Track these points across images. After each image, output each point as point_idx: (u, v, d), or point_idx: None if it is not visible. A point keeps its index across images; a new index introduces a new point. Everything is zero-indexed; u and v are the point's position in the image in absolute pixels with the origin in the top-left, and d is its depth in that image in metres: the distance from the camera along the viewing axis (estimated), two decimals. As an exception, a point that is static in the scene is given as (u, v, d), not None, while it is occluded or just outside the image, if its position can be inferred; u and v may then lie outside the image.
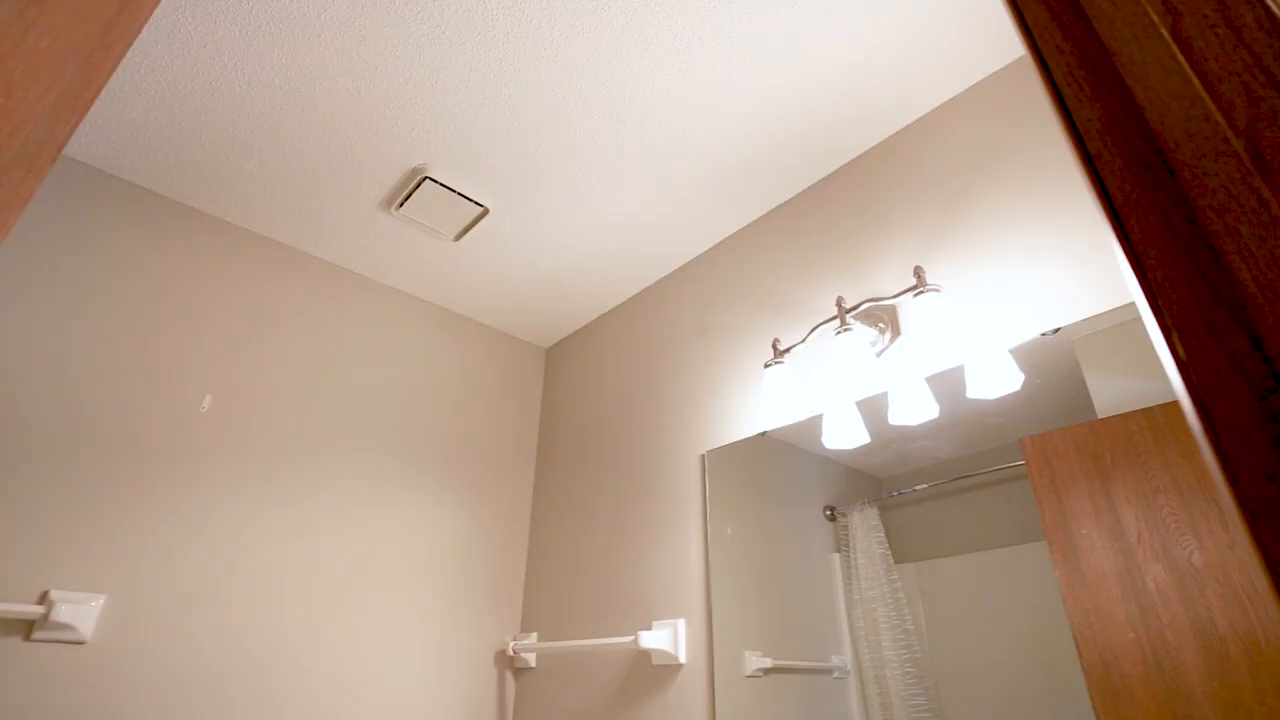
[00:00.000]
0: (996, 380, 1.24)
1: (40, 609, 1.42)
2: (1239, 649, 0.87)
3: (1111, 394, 1.09)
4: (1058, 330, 1.19)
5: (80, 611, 1.47)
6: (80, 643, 1.47)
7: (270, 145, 1.74)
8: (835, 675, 1.31)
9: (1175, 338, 0.24)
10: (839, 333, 1.40)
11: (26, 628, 1.43)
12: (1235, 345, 0.22)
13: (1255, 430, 0.22)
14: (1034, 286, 1.26)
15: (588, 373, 2.40)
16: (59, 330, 1.64)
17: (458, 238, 2.06)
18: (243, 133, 1.71)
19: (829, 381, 1.56)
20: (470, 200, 1.90)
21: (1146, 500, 1.00)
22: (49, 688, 1.42)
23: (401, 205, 1.92)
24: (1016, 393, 1.21)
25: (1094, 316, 1.15)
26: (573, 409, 2.39)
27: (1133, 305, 1.11)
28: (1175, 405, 1.01)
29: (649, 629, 1.72)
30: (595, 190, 1.88)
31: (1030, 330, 1.24)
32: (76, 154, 1.78)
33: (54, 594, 1.46)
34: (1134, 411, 1.05)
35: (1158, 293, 0.25)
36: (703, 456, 1.80)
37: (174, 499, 1.68)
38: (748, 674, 1.47)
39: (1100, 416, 1.09)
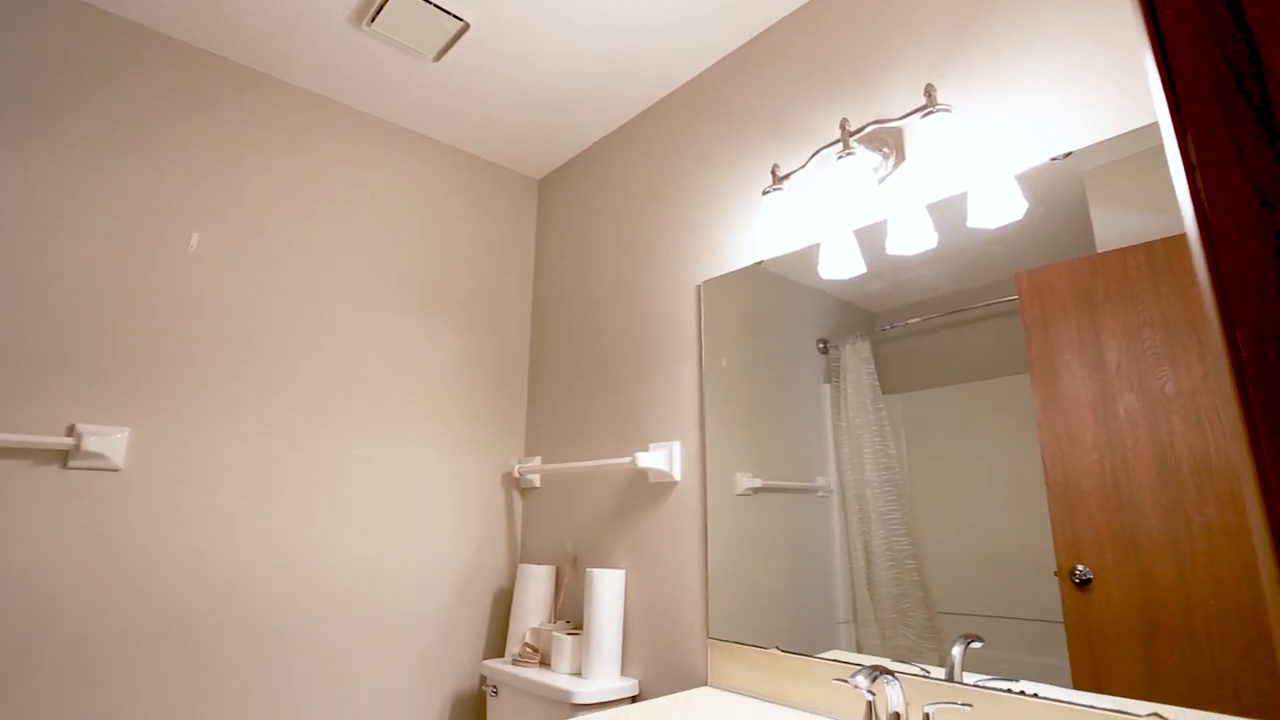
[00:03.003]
0: (999, 208, 1.21)
1: (71, 440, 1.50)
2: (1190, 468, 0.94)
3: (1114, 227, 1.07)
4: (1068, 155, 1.15)
5: (108, 442, 1.56)
6: (114, 470, 1.58)
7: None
8: (820, 494, 1.43)
9: (1189, 139, 0.22)
10: (841, 157, 1.34)
11: (62, 457, 1.52)
12: (1252, 152, 0.21)
13: (1253, 242, 0.21)
14: (1046, 110, 1.19)
15: (582, 203, 2.34)
16: (23, 169, 1.57)
17: (438, 57, 1.90)
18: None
19: (828, 209, 1.52)
20: (447, 12, 1.73)
21: (1131, 333, 1.02)
22: (90, 509, 1.54)
23: (373, 20, 1.75)
24: (1017, 224, 1.19)
25: (1106, 144, 1.10)
26: (568, 240, 2.37)
27: (1146, 135, 1.06)
28: (1175, 240, 1.00)
29: (646, 450, 1.84)
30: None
31: (1039, 155, 1.19)
32: (3, -40, 1.59)
33: (80, 427, 1.54)
34: (1133, 246, 1.04)
35: (1179, 86, 0.23)
36: (699, 287, 1.82)
37: (180, 336, 1.71)
38: (738, 492, 1.59)
39: (1099, 251, 1.08)
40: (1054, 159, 1.16)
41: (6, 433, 1.45)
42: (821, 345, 1.48)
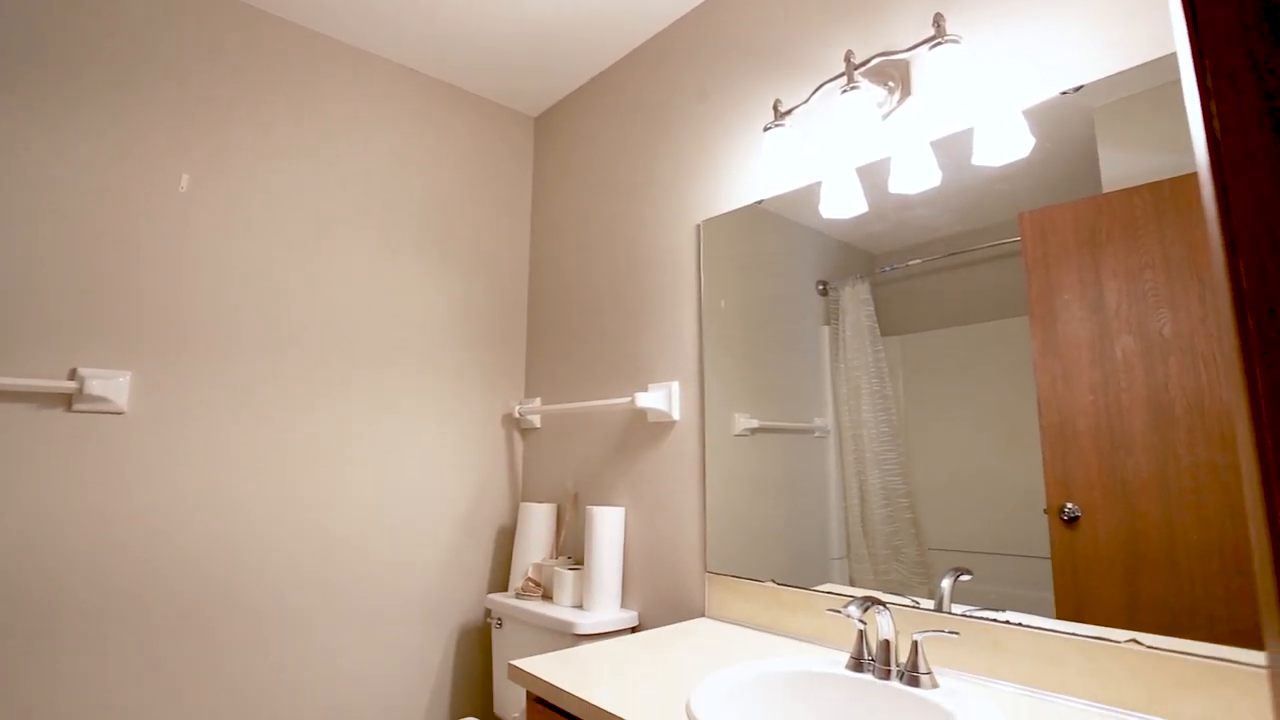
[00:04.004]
0: (1005, 144, 1.19)
1: (73, 384, 1.51)
2: (1183, 408, 0.95)
3: (1121, 166, 1.05)
4: (1079, 89, 1.11)
5: (111, 386, 1.57)
6: (118, 413, 1.60)
7: None
8: (817, 435, 1.45)
9: (1206, 62, 0.22)
10: (845, 91, 1.30)
11: (66, 400, 1.54)
12: (1270, 76, 0.20)
13: (1264, 167, 0.21)
14: (1057, 41, 1.15)
15: (579, 141, 2.29)
16: (13, 112, 1.53)
17: (428, -12, 1.82)
18: None
19: (830, 146, 1.49)
20: (438, -61, 1.65)
21: (1133, 275, 1.02)
22: (98, 451, 1.57)
23: (359, -54, 1.67)
24: (1022, 162, 1.17)
25: (1118, 78, 1.07)
26: (566, 179, 2.33)
27: (1161, 68, 1.03)
28: (1182, 180, 0.99)
29: (645, 391, 1.86)
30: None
31: (1049, 89, 1.16)
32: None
33: (82, 370, 1.55)
34: (1140, 186, 1.02)
35: (1199, 4, 0.22)
36: (698, 226, 1.80)
37: (174, 279, 1.70)
38: (736, 433, 1.62)
39: (1105, 191, 1.06)
40: (1064, 93, 1.13)
41: (9, 376, 1.46)
42: (821, 287, 1.47)
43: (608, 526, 1.82)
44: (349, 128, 2.05)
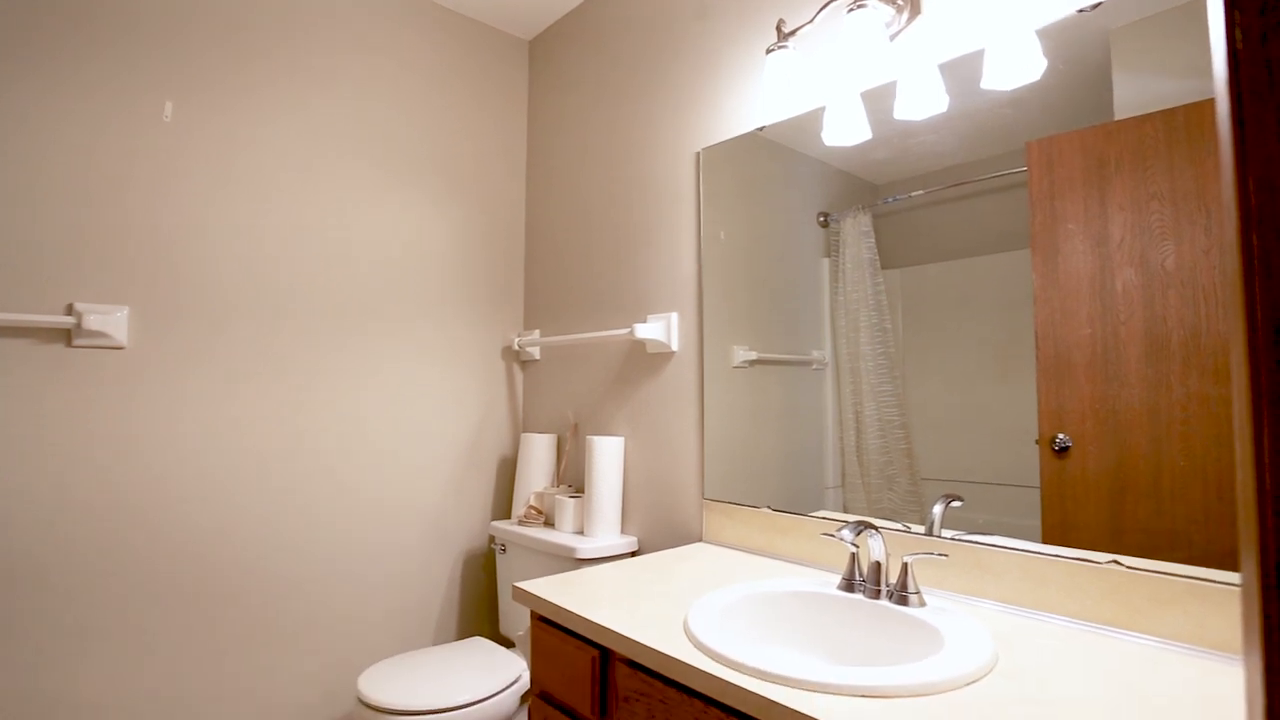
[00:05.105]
0: (1017, 67, 1.15)
1: (71, 319, 1.51)
2: (1179, 341, 0.96)
3: (1135, 92, 1.02)
4: (1097, 5, 1.07)
5: (109, 321, 1.57)
6: (119, 348, 1.60)
7: None
8: (814, 367, 1.46)
9: None
10: (851, 10, 1.25)
11: (65, 336, 1.53)
12: None
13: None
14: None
15: (575, 66, 2.20)
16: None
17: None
18: None
19: (835, 69, 1.44)
20: None
21: (1139, 206, 1.00)
22: (98, 385, 1.58)
23: None
24: (1032, 86, 1.13)
25: (1144, -7, 1.02)
26: (562, 105, 2.25)
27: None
28: (1197, 106, 0.96)
29: (644, 322, 1.86)
30: None
31: (1065, 6, 1.11)
32: None
33: (79, 306, 1.54)
34: (1152, 114, 0.99)
35: None
36: (698, 154, 1.76)
37: (170, 211, 1.67)
38: (735, 364, 1.63)
39: (1117, 118, 1.03)
40: (1080, 11, 1.08)
41: (7, 312, 1.45)
42: (821, 218, 1.45)
43: (608, 455, 1.86)
44: (335, 54, 1.97)
